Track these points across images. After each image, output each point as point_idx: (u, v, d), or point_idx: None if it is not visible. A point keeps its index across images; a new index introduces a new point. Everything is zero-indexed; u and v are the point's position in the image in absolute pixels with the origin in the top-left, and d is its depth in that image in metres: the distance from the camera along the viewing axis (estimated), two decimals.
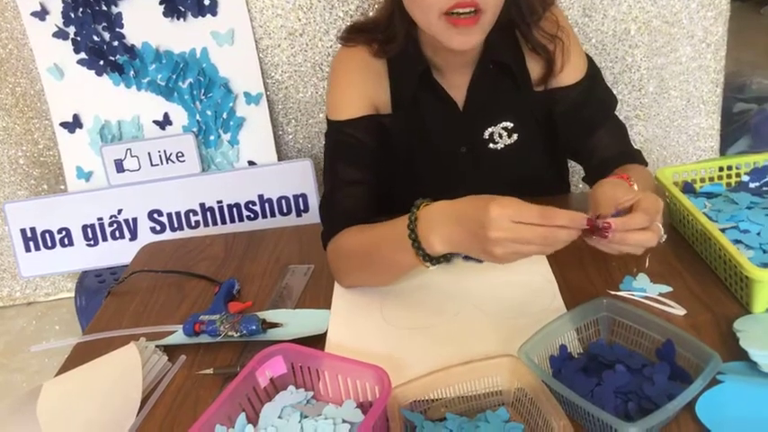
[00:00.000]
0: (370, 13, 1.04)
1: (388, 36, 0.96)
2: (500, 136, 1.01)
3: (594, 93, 1.00)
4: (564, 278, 0.88)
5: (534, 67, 0.99)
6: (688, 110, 1.68)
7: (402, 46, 0.96)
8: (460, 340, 0.79)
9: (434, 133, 1.01)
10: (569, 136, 1.02)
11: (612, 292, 0.84)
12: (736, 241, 0.84)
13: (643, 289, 0.84)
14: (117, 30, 1.61)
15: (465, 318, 0.83)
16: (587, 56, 1.02)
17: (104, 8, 1.59)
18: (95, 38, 1.62)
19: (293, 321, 0.87)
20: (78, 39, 1.62)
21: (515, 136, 1.02)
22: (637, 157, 0.99)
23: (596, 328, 0.75)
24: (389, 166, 1.01)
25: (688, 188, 0.98)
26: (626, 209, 0.72)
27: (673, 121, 1.69)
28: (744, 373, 0.69)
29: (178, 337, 0.88)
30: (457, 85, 0.99)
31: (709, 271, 0.87)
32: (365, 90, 0.98)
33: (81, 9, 1.59)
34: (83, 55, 1.63)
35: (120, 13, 1.60)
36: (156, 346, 0.85)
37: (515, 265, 0.77)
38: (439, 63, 0.97)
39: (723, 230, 0.85)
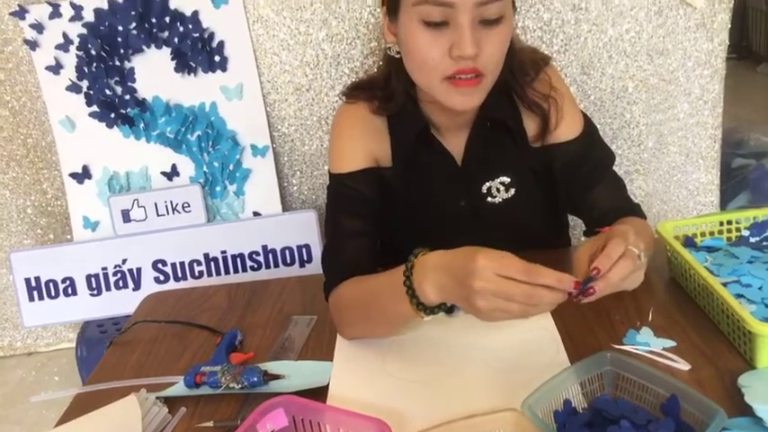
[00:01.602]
0: (375, 70, 1.08)
1: (387, 95, 1.00)
2: (498, 190, 1.03)
3: (592, 149, 1.03)
4: (567, 332, 0.88)
5: (530, 125, 1.02)
6: (687, 165, 1.70)
7: (401, 104, 0.99)
8: (463, 394, 0.79)
9: (434, 187, 1.03)
10: (569, 191, 1.03)
11: (616, 346, 0.83)
12: (739, 296, 0.85)
13: (647, 343, 0.84)
14: (129, 84, 1.66)
15: (468, 371, 0.83)
16: (583, 113, 1.05)
17: (117, 63, 1.65)
18: (108, 91, 1.66)
19: (295, 373, 0.86)
20: (91, 92, 1.66)
21: (513, 190, 1.03)
22: (636, 211, 1.00)
23: (600, 383, 0.74)
24: (391, 218, 1.03)
25: (689, 242, 0.99)
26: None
27: (672, 176, 1.71)
28: (749, 428, 0.68)
29: (179, 388, 0.87)
30: (455, 142, 1.02)
31: (712, 325, 0.86)
32: (365, 144, 1.00)
33: (95, 64, 1.64)
34: (95, 108, 1.67)
35: (132, 68, 1.65)
36: (157, 398, 0.85)
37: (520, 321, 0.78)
38: (437, 121, 1.00)
39: (725, 285, 0.85)
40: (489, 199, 1.03)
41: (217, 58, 1.63)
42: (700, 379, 0.77)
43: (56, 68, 1.65)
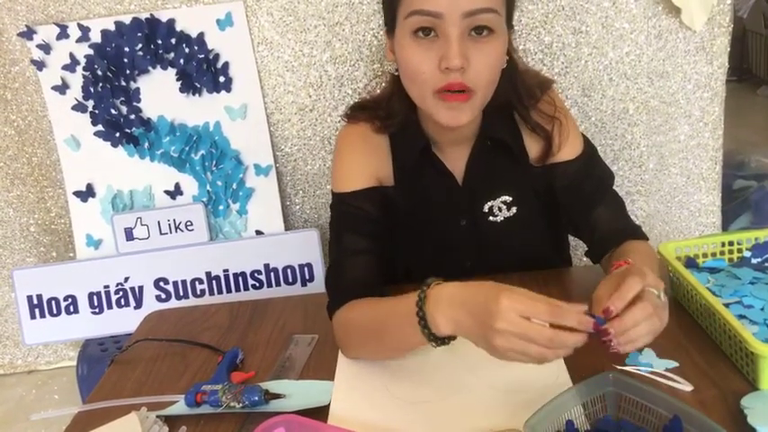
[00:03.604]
0: (378, 91, 1.09)
1: (388, 113, 1.01)
2: (499, 209, 1.04)
3: (592, 169, 1.03)
4: (572, 353, 0.87)
5: (532, 146, 1.03)
6: (688, 186, 1.71)
7: (402, 122, 1.00)
8: (465, 414, 0.78)
9: (435, 206, 1.04)
10: (570, 211, 1.04)
11: (618, 367, 0.83)
12: (741, 316, 0.85)
13: (649, 364, 0.83)
14: (134, 104, 1.68)
15: (470, 391, 0.83)
16: (583, 135, 1.06)
17: (123, 83, 1.66)
18: (113, 111, 1.68)
19: (296, 392, 0.86)
20: (96, 112, 1.68)
21: (514, 209, 1.04)
22: (637, 233, 1.00)
23: (603, 404, 0.74)
24: (394, 236, 1.03)
25: (691, 263, 0.99)
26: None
27: (674, 197, 1.72)
28: None
29: (179, 407, 0.87)
30: (456, 160, 1.02)
31: (714, 346, 0.86)
32: (368, 163, 1.01)
33: (101, 84, 1.66)
34: (100, 127, 1.69)
35: (138, 89, 1.67)
36: (157, 416, 0.85)
37: None
38: (438, 139, 1.01)
39: (727, 306, 0.85)
40: (491, 218, 1.04)
41: (221, 79, 1.65)
42: (703, 400, 0.77)
43: (62, 88, 1.67)
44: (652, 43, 1.58)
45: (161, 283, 1.71)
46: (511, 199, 1.03)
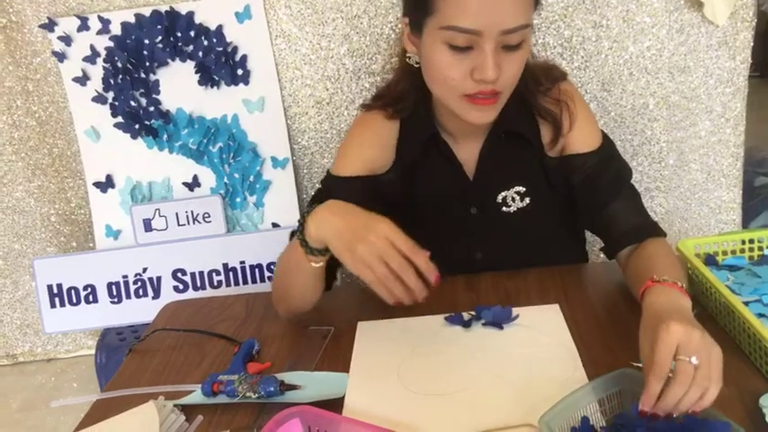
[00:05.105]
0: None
1: (399, 98, 1.02)
2: (513, 200, 1.04)
3: (610, 163, 1.03)
4: (586, 349, 0.87)
5: (546, 134, 1.03)
6: (709, 183, 1.69)
7: (413, 107, 1.01)
8: (480, 408, 0.78)
9: (440, 192, 1.05)
10: (586, 205, 1.03)
11: (635, 364, 0.82)
12: (760, 315, 0.84)
13: None
14: (153, 96, 1.69)
15: (485, 386, 0.82)
16: (601, 130, 1.05)
17: (143, 75, 1.68)
18: (132, 103, 1.69)
19: (311, 384, 0.87)
20: (116, 103, 1.70)
21: (528, 200, 1.04)
22: (655, 230, 0.99)
23: (619, 401, 0.74)
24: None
25: (710, 261, 0.98)
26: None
27: (694, 193, 1.70)
28: None
29: (196, 396, 0.88)
30: (468, 149, 1.03)
31: (733, 344, 0.85)
32: (363, 152, 1.03)
33: (121, 76, 1.67)
34: (119, 119, 1.70)
35: (157, 81, 1.68)
36: (174, 406, 0.86)
37: (537, 333, 0.76)
38: (451, 128, 1.01)
39: (746, 304, 0.84)
40: (504, 208, 1.04)
41: (240, 72, 1.66)
42: (720, 399, 0.75)
43: (82, 80, 1.69)
44: (674, 37, 1.55)
45: (179, 274, 1.73)
46: (524, 190, 1.03)
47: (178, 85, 1.68)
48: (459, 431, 0.69)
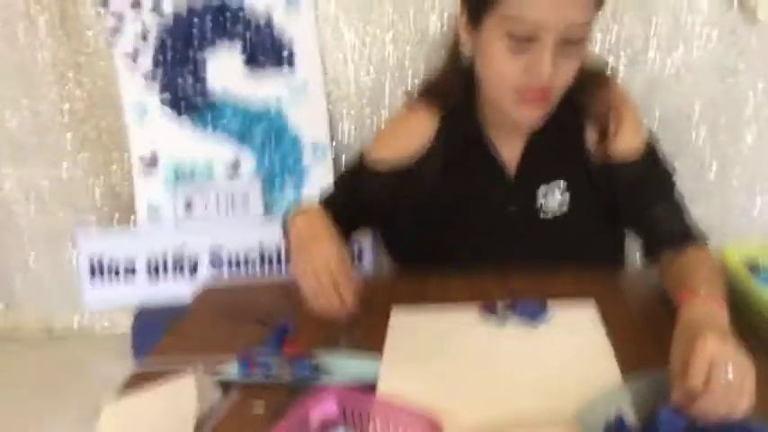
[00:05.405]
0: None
1: (446, 92, 1.02)
2: (554, 200, 1.03)
3: (655, 168, 1.02)
4: (622, 349, 0.87)
5: (591, 135, 1.02)
6: (752, 189, 1.65)
7: (457, 102, 1.01)
8: (513, 399, 0.79)
9: (479, 190, 1.05)
10: (629, 208, 1.02)
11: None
12: None
13: None
14: (201, 75, 1.72)
15: (520, 377, 0.83)
16: (648, 130, 1.04)
17: (191, 55, 1.70)
18: (180, 81, 1.72)
19: (345, 368, 0.88)
20: (164, 82, 1.73)
21: (569, 201, 1.03)
22: (697, 236, 0.98)
23: (655, 399, 0.73)
24: (430, 215, 1.07)
25: (754, 270, 0.96)
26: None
27: (736, 200, 1.66)
28: None
29: (232, 373, 0.90)
30: (511, 146, 1.03)
31: None
32: (407, 141, 1.04)
33: (170, 54, 1.70)
34: (167, 95, 1.74)
35: (204, 61, 1.71)
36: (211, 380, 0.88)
37: (572, 332, 0.76)
38: (495, 126, 1.01)
39: None
40: (544, 208, 1.03)
41: (285, 54, 1.67)
42: (764, 408, 0.75)
43: (133, 56, 1.72)
44: (724, 38, 1.52)
45: (217, 255, 1.76)
46: (566, 190, 1.02)
47: (224, 67, 1.70)
48: (493, 422, 0.70)
